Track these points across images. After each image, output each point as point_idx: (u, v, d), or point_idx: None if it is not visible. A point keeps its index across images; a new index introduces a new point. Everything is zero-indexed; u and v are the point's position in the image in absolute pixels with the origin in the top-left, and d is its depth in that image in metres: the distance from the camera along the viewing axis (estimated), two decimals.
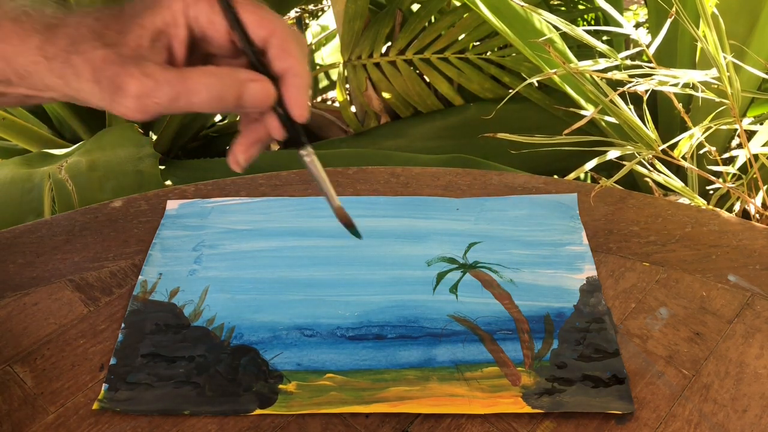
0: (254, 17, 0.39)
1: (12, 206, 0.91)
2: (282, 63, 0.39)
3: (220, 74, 0.38)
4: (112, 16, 0.38)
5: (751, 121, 0.89)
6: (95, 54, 0.37)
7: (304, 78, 0.39)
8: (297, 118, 0.39)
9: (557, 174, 1.17)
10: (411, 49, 1.32)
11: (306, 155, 0.40)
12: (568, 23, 0.74)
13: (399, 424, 0.43)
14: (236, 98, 0.38)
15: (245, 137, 0.41)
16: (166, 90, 0.36)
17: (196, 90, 0.37)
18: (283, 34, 0.39)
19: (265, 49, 0.39)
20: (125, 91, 0.36)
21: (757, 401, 0.43)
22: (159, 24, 0.38)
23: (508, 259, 0.54)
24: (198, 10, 0.38)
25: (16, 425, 0.43)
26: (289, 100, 0.39)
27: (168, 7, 0.38)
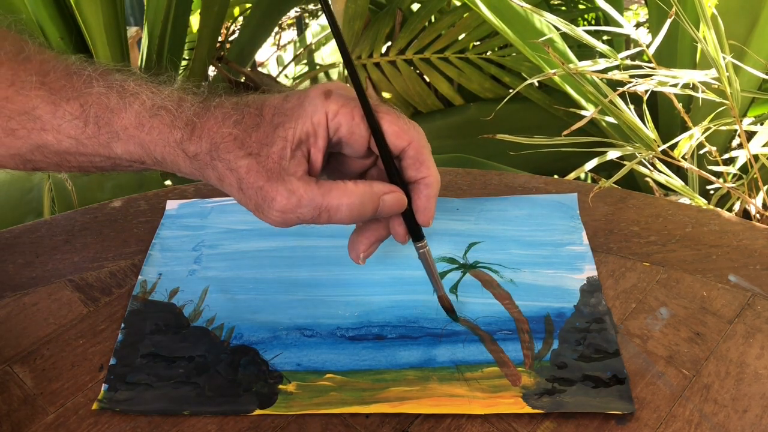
0: (394, 128, 0.41)
1: (11, 206, 0.91)
2: (416, 173, 0.42)
3: (359, 193, 0.40)
4: (252, 122, 0.40)
5: (752, 121, 0.89)
6: (239, 164, 0.39)
7: (435, 188, 0.42)
8: (423, 223, 0.43)
9: (557, 174, 1.16)
10: (411, 48, 1.32)
11: (421, 248, 0.45)
12: (568, 23, 0.74)
13: (399, 424, 0.43)
14: (373, 211, 0.41)
15: (367, 237, 0.44)
16: (309, 208, 0.39)
17: (337, 209, 0.40)
18: (418, 145, 0.41)
19: (400, 157, 0.42)
20: (270, 206, 0.39)
21: (757, 401, 0.43)
22: (301, 135, 0.40)
23: (508, 259, 0.54)
24: (339, 123, 0.40)
25: (15, 425, 0.43)
26: (418, 207, 0.43)
27: (310, 118, 0.40)
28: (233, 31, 1.82)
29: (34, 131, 0.41)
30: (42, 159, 0.42)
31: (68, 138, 0.41)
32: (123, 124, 0.40)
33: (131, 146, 0.40)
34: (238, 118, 0.40)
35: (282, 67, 1.80)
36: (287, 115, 0.40)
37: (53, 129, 0.40)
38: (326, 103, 0.40)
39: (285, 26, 2.20)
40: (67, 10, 1.12)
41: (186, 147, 0.40)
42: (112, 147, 0.41)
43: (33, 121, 0.40)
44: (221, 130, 0.39)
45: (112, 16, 1.12)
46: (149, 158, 0.41)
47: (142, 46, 1.22)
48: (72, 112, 0.40)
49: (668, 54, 1.09)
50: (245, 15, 1.73)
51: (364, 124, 0.40)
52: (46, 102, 0.40)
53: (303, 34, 1.85)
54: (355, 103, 0.40)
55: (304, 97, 0.40)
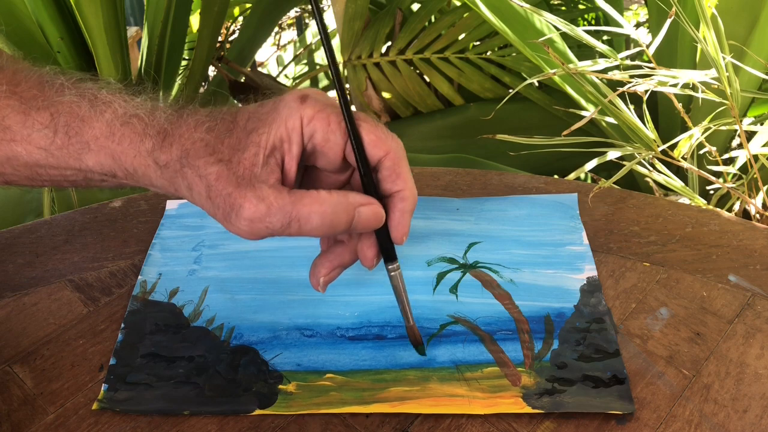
0: (372, 137, 0.39)
1: (11, 206, 0.91)
2: (392, 185, 0.40)
3: (332, 202, 0.38)
4: (225, 128, 0.38)
5: (752, 121, 0.89)
6: (209, 170, 0.37)
7: (411, 203, 0.40)
8: (396, 240, 0.41)
9: (557, 174, 1.17)
10: (411, 48, 1.32)
11: (393, 270, 0.43)
12: (568, 23, 0.74)
13: (399, 424, 0.43)
14: (347, 223, 0.38)
15: (329, 260, 0.42)
16: (278, 216, 0.37)
17: (308, 218, 0.37)
18: (396, 157, 0.40)
19: (377, 168, 0.40)
20: (239, 214, 0.37)
21: (757, 401, 0.43)
22: (274, 141, 0.38)
23: (508, 259, 0.54)
24: (314, 128, 0.38)
25: (15, 425, 0.43)
26: (392, 222, 0.40)
27: (284, 123, 0.38)
28: (233, 31, 1.82)
29: (4, 142, 0.39)
30: (12, 172, 0.41)
31: (38, 149, 0.39)
32: (94, 134, 0.39)
33: (102, 157, 0.39)
34: (211, 125, 0.38)
35: (282, 67, 1.80)
36: (261, 120, 0.38)
37: (23, 140, 0.39)
38: (301, 107, 0.38)
39: (285, 26, 2.20)
40: (67, 10, 1.12)
41: (157, 156, 0.38)
42: (82, 158, 0.39)
43: (2, 131, 0.39)
44: (192, 136, 0.38)
45: (112, 16, 1.12)
46: (120, 170, 0.39)
47: (142, 46, 1.22)
48: (42, 122, 0.39)
49: (668, 54, 1.09)
50: (245, 15, 1.73)
51: (339, 131, 0.39)
52: (17, 111, 0.39)
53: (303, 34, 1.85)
54: (331, 110, 0.39)
55: (279, 102, 0.39)
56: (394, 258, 0.42)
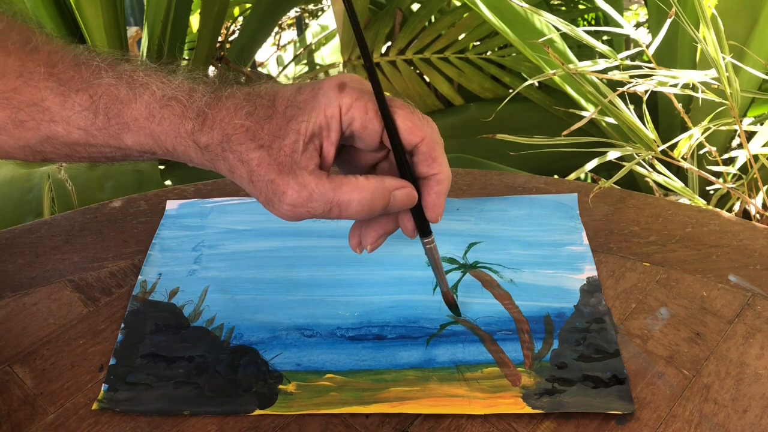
0: (408, 124, 0.40)
1: (11, 206, 0.91)
2: (427, 169, 0.41)
3: (371, 188, 0.40)
4: (264, 114, 0.39)
5: (751, 121, 0.89)
6: (251, 156, 0.39)
7: (446, 185, 0.42)
8: (431, 220, 0.43)
9: (557, 174, 1.17)
10: (411, 49, 1.32)
11: (428, 243, 0.45)
12: (568, 23, 0.74)
13: (399, 424, 0.43)
14: (384, 206, 0.40)
15: (375, 229, 0.44)
16: (320, 202, 0.39)
17: (348, 204, 0.39)
18: (431, 141, 0.41)
19: (412, 152, 0.41)
20: (281, 199, 0.38)
21: (757, 401, 0.43)
22: (314, 129, 0.39)
23: (508, 259, 0.54)
24: (353, 116, 0.40)
25: (15, 425, 0.43)
26: (428, 203, 0.42)
27: (323, 112, 0.39)
28: (233, 31, 1.82)
29: (44, 123, 0.40)
30: (51, 150, 0.42)
31: (78, 129, 0.40)
32: (133, 115, 0.40)
33: (142, 137, 0.40)
34: (251, 110, 0.40)
35: (282, 67, 1.80)
36: (300, 108, 0.39)
37: (62, 120, 0.40)
38: (340, 96, 0.39)
39: (285, 26, 2.20)
40: (67, 10, 1.12)
41: (197, 138, 0.39)
42: (122, 138, 0.40)
43: (42, 112, 0.40)
44: (233, 121, 0.39)
45: (112, 16, 1.12)
46: (160, 149, 0.41)
47: (142, 46, 1.22)
48: (81, 104, 0.40)
49: (668, 54, 1.09)
50: (245, 15, 1.73)
51: (377, 119, 0.40)
52: (55, 93, 0.40)
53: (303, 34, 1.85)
54: (369, 97, 0.40)
55: (318, 89, 0.40)
56: (429, 233, 0.44)
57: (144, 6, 1.30)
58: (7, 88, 0.40)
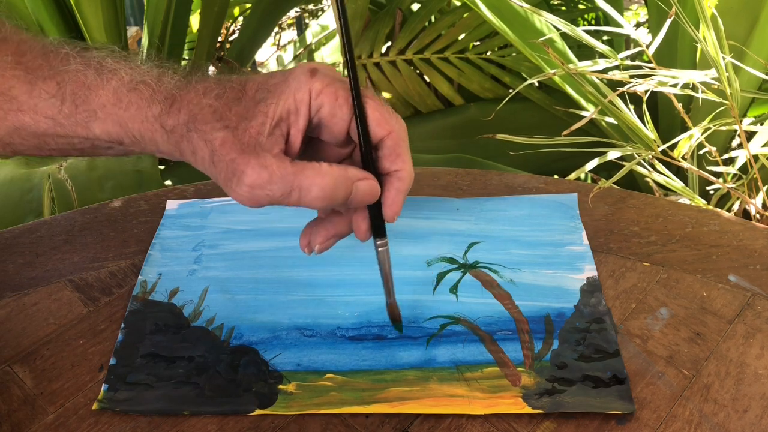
0: (377, 115, 0.40)
1: (11, 206, 0.91)
2: (391, 164, 0.41)
3: (333, 174, 0.38)
4: (233, 96, 0.39)
5: (751, 121, 0.89)
6: (215, 135, 0.38)
7: (407, 183, 0.41)
8: (388, 218, 0.41)
9: (557, 174, 1.17)
10: (411, 48, 1.32)
11: (381, 246, 0.43)
12: (568, 23, 0.74)
13: (399, 424, 0.43)
14: (345, 196, 0.39)
15: (326, 229, 0.43)
16: (279, 185, 0.37)
17: (309, 188, 0.38)
18: (398, 137, 0.40)
19: (378, 146, 0.41)
20: (240, 180, 0.37)
21: (757, 401, 0.43)
22: (281, 112, 0.38)
23: (508, 259, 0.54)
24: (322, 102, 0.39)
25: (15, 425, 0.43)
26: (387, 199, 0.41)
27: (293, 96, 0.39)
28: (233, 31, 1.82)
29: (11, 112, 0.40)
30: (20, 142, 0.41)
31: (45, 118, 0.40)
32: (101, 102, 0.39)
33: (109, 125, 0.39)
34: (220, 92, 0.39)
35: (282, 67, 1.80)
36: (270, 91, 0.39)
37: (30, 109, 0.40)
38: (311, 81, 0.39)
39: (285, 26, 2.20)
40: (67, 10, 1.12)
41: (164, 120, 0.39)
42: (90, 126, 0.40)
43: (9, 101, 0.40)
44: (200, 101, 0.38)
45: (112, 16, 1.12)
46: (127, 137, 0.40)
47: (142, 46, 1.22)
48: (48, 91, 0.39)
49: (668, 54, 1.09)
50: (245, 15, 1.73)
51: (346, 107, 0.39)
52: (22, 82, 0.39)
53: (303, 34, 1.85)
54: (339, 84, 0.39)
55: (289, 74, 0.39)
56: (384, 234, 0.43)
57: (144, 6, 1.30)
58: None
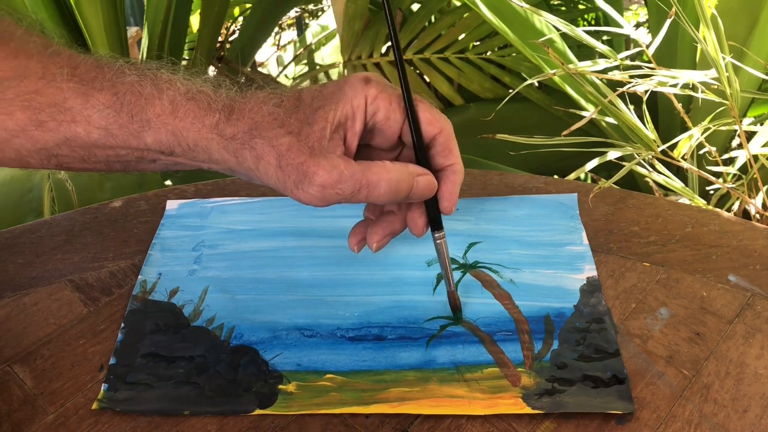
0: (427, 115, 0.43)
1: (11, 206, 0.91)
2: (444, 160, 0.43)
3: (397, 170, 0.41)
4: (291, 104, 0.41)
5: (751, 121, 0.89)
6: (281, 141, 0.39)
7: (460, 176, 0.44)
8: (445, 210, 0.44)
9: (557, 174, 1.17)
10: (411, 49, 1.32)
11: (439, 238, 0.45)
12: (568, 23, 0.74)
13: (399, 424, 0.43)
14: (408, 191, 0.41)
15: (382, 228, 0.45)
16: (349, 183, 0.39)
17: (377, 184, 0.40)
18: (448, 134, 0.43)
19: (430, 144, 0.43)
20: (312, 180, 0.39)
21: (757, 401, 0.43)
22: (340, 118, 0.41)
23: (508, 259, 0.54)
24: (377, 107, 0.42)
25: (15, 425, 0.43)
26: (443, 193, 0.44)
27: (350, 101, 0.41)
28: (233, 31, 1.82)
29: (64, 123, 0.40)
30: (68, 153, 0.42)
31: (98, 128, 0.41)
32: (156, 112, 0.40)
33: (162, 134, 0.40)
34: (278, 101, 0.41)
35: (282, 67, 1.80)
36: (327, 99, 0.41)
37: (83, 120, 0.40)
38: (366, 88, 0.41)
39: (285, 26, 2.20)
40: (67, 10, 1.12)
41: (222, 129, 0.40)
42: (142, 136, 0.41)
43: (63, 113, 0.40)
44: (261, 110, 0.40)
45: (112, 16, 1.12)
46: (179, 146, 0.41)
47: (142, 46, 1.22)
48: (104, 102, 0.40)
49: (668, 54, 1.09)
50: (245, 15, 1.73)
51: (399, 110, 0.42)
52: (77, 93, 0.40)
53: (303, 34, 1.85)
54: (392, 90, 0.42)
55: (344, 83, 0.42)
56: (441, 227, 0.45)
57: (144, 6, 1.30)
58: (29, 90, 0.40)
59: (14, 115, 0.40)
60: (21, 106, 0.40)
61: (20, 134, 0.41)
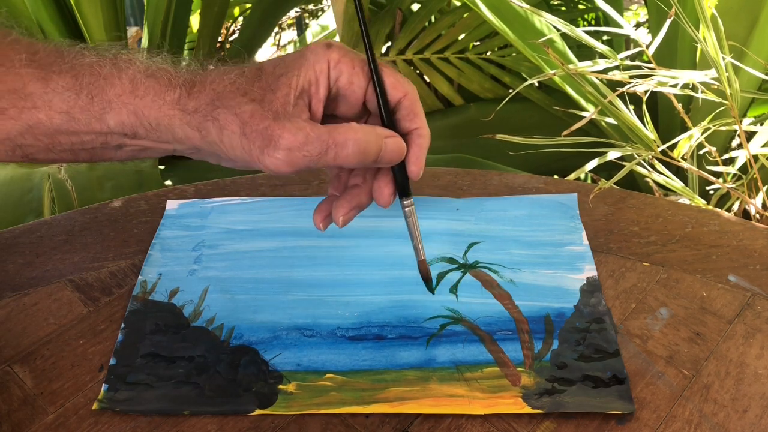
0: (391, 79, 0.42)
1: (12, 206, 0.91)
2: (410, 124, 0.43)
3: (365, 130, 0.40)
4: (253, 74, 0.40)
5: (751, 121, 0.89)
6: (244, 109, 0.39)
7: (427, 140, 0.43)
8: (412, 175, 0.43)
9: (557, 174, 1.17)
10: (411, 49, 1.32)
11: (407, 206, 0.45)
12: (568, 23, 0.74)
13: (399, 424, 0.43)
14: (377, 153, 0.41)
15: (347, 201, 0.44)
16: (316, 144, 0.39)
17: (344, 144, 0.39)
18: (413, 98, 0.43)
19: (395, 108, 0.43)
20: (277, 144, 0.38)
21: (757, 401, 0.43)
22: (303, 83, 0.40)
23: (508, 259, 0.54)
24: (340, 71, 0.41)
25: (15, 425, 0.43)
26: (410, 157, 0.43)
27: (312, 67, 0.40)
28: (233, 31, 1.82)
29: (25, 110, 0.40)
30: (32, 143, 0.41)
31: (59, 113, 0.40)
32: (116, 92, 0.40)
33: (124, 115, 0.40)
34: (239, 72, 0.40)
35: None
36: (289, 66, 0.40)
37: (44, 105, 0.40)
38: (328, 52, 0.41)
39: (285, 26, 2.20)
40: (67, 10, 1.12)
41: (184, 104, 0.39)
42: (104, 119, 0.40)
43: (24, 99, 0.40)
44: (223, 81, 0.40)
45: (112, 16, 1.12)
46: (141, 126, 0.40)
47: (142, 46, 1.22)
48: (64, 85, 0.40)
49: (668, 54, 1.09)
50: (245, 15, 1.73)
51: (363, 74, 0.41)
52: (36, 78, 0.40)
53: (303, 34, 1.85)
54: (354, 55, 0.41)
55: (305, 50, 0.41)
56: (410, 193, 0.44)
57: (144, 6, 1.30)
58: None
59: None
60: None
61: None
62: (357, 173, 0.45)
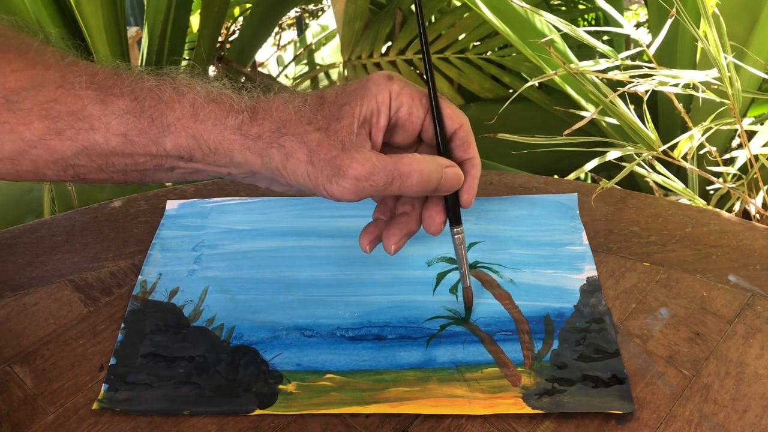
0: (448, 111, 0.44)
1: (12, 206, 0.91)
2: (464, 153, 0.45)
3: (427, 161, 0.42)
4: (316, 103, 0.41)
5: (752, 121, 0.89)
6: (311, 137, 0.40)
7: (479, 170, 0.45)
8: (465, 203, 0.45)
9: (557, 174, 1.16)
10: (411, 49, 1.32)
11: (457, 234, 0.46)
12: (569, 23, 0.74)
13: (399, 424, 0.43)
14: (437, 182, 0.42)
15: (398, 229, 0.45)
16: (382, 174, 0.40)
17: (409, 175, 0.41)
18: (467, 129, 0.45)
19: (450, 139, 0.45)
20: (345, 174, 0.39)
21: (757, 401, 0.43)
22: (366, 113, 0.41)
23: (508, 259, 0.54)
24: (401, 102, 0.43)
25: (15, 425, 0.43)
26: (463, 186, 0.44)
27: (375, 97, 0.42)
28: (233, 31, 1.82)
29: (83, 131, 0.40)
30: (86, 163, 0.41)
31: (116, 136, 0.40)
32: (176, 115, 0.40)
33: (182, 138, 0.40)
34: (302, 101, 0.41)
35: (282, 67, 1.80)
36: (352, 95, 0.41)
37: (102, 127, 0.40)
38: (390, 84, 0.42)
39: (285, 26, 2.20)
40: (67, 10, 1.12)
41: (247, 130, 0.40)
42: (162, 142, 0.40)
43: (82, 120, 0.40)
44: (287, 109, 0.40)
45: (112, 16, 1.12)
46: (199, 150, 0.41)
47: (142, 46, 1.22)
48: (124, 108, 0.40)
49: (668, 54, 1.09)
50: (245, 15, 1.73)
51: (421, 107, 0.43)
52: (96, 100, 0.40)
53: (303, 34, 1.85)
54: (414, 87, 0.43)
55: (367, 80, 0.42)
56: (461, 222, 0.46)
57: (144, 6, 1.30)
58: (47, 99, 0.40)
59: (32, 125, 0.40)
60: (39, 116, 0.40)
61: (38, 144, 0.40)
62: (405, 201, 0.46)
